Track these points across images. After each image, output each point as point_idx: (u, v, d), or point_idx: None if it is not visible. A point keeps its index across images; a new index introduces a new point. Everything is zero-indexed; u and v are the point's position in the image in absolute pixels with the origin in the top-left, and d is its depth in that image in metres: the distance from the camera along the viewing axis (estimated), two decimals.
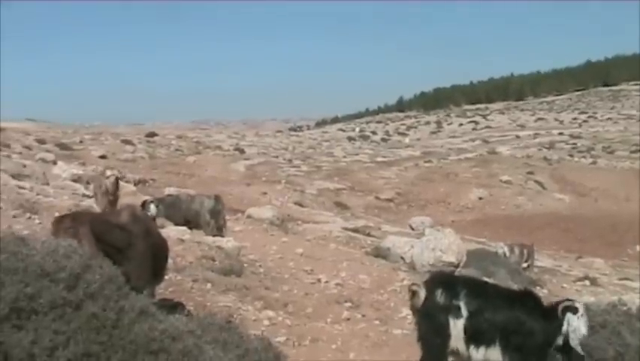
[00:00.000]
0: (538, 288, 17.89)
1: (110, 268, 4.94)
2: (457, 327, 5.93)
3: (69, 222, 6.46)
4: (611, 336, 6.57)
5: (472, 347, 5.95)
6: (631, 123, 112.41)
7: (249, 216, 20.46)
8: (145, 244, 6.67)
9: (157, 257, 6.93)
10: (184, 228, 13.05)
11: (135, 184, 29.39)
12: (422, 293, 6.08)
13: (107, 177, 13.58)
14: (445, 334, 5.96)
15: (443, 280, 6.32)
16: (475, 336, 5.95)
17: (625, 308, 7.14)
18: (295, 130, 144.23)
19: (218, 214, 14.06)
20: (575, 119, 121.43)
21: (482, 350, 5.95)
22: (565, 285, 21.00)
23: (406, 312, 9.59)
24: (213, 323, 6.32)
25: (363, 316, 8.85)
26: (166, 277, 9.11)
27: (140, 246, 6.62)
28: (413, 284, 6.33)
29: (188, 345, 4.79)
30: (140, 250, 6.60)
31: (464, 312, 5.95)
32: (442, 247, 13.59)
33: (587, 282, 22.22)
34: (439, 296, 6.00)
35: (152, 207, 13.29)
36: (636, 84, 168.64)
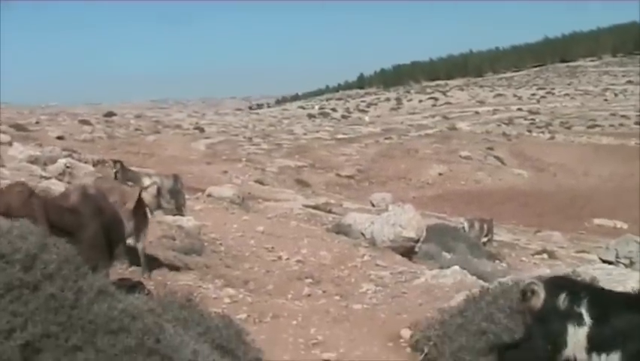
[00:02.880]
0: (497, 261, 18.18)
1: (67, 248, 4.90)
2: (577, 335, 5.63)
3: (23, 189, 6.41)
4: None
5: (594, 356, 5.74)
6: (588, 99, 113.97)
7: (209, 195, 20.39)
8: (96, 224, 6.62)
9: (111, 236, 6.89)
10: None
11: (94, 165, 29.08)
12: (542, 295, 5.84)
13: (146, 188, 9.84)
14: (560, 341, 5.75)
15: (567, 285, 6.01)
16: (598, 344, 5.72)
17: (579, 279, 7.24)
18: (255, 108, 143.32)
19: (177, 194, 13.98)
20: (533, 95, 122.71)
21: (604, 358, 5.76)
22: (524, 258, 21.34)
23: (366, 287, 9.71)
24: (174, 302, 6.34)
25: (324, 292, 8.91)
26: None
27: (91, 226, 6.56)
28: (532, 283, 6.01)
29: (148, 324, 4.78)
30: (91, 230, 6.55)
31: (587, 320, 5.72)
32: (402, 222, 13.66)
33: (545, 255, 22.59)
34: (562, 301, 5.77)
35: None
36: (592, 60, 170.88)
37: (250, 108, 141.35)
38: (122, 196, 9.00)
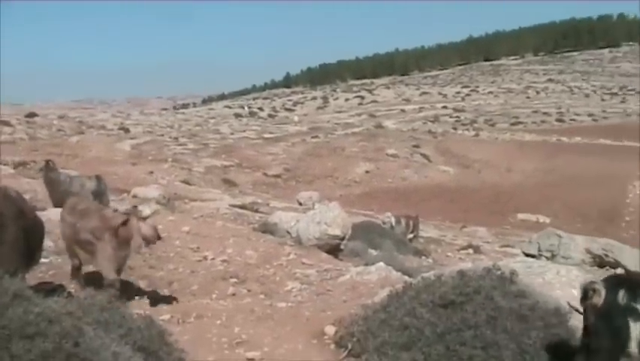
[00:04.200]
0: (423, 257, 18.42)
1: None
2: (635, 330, 5.83)
3: None
4: (484, 301, 6.81)
5: None
6: (511, 97, 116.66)
7: (134, 196, 20.19)
8: (16, 226, 6.50)
9: (31, 239, 6.77)
10: None
11: (15, 167, 28.46)
12: (603, 292, 5.89)
13: (145, 218, 8.52)
14: (624, 336, 5.78)
15: (625, 281, 6.08)
16: None
17: (499, 273, 7.38)
18: (179, 108, 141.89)
19: (101, 195, 13.78)
20: (458, 93, 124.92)
21: None
22: (449, 254, 21.64)
23: (292, 285, 9.73)
24: (94, 304, 6.24)
25: (249, 291, 8.91)
26: (46, 260, 8.95)
27: (11, 228, 6.43)
28: (593, 282, 6.08)
29: (66, 327, 4.71)
30: (11, 232, 6.42)
31: None
32: (328, 220, 13.72)
33: (471, 250, 22.95)
34: (621, 297, 5.83)
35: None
36: (515, 59, 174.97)
37: (175, 108, 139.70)
38: (102, 221, 8.12)
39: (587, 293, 5.99)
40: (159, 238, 8.62)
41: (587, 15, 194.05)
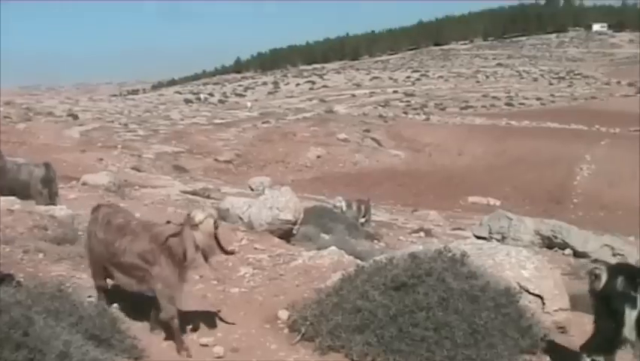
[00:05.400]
0: (375, 241, 18.54)
1: None
2: (630, 317, 6.14)
3: None
4: (436, 283, 6.89)
5: None
6: (460, 81, 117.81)
7: (84, 184, 19.95)
8: None
9: None
10: (13, 198, 12.49)
11: None
12: (604, 277, 6.36)
13: (198, 224, 6.52)
14: (620, 320, 6.21)
15: (626, 270, 6.48)
16: None
17: (450, 255, 7.48)
18: (125, 95, 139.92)
19: (50, 182, 13.54)
20: (408, 77, 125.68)
21: None
22: (401, 237, 21.79)
23: (244, 271, 9.70)
24: (44, 293, 6.18)
25: (201, 277, 8.82)
26: None
27: None
28: (596, 268, 6.59)
29: (15, 316, 4.67)
30: None
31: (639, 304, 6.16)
32: (279, 205, 13.69)
33: (422, 233, 23.16)
34: (619, 284, 6.23)
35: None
36: (464, 44, 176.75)
37: (120, 95, 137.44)
38: (155, 241, 6.68)
39: (590, 278, 6.55)
40: (222, 248, 7.02)
41: (534, 1, 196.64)
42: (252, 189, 30.98)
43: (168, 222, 7.00)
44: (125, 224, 6.99)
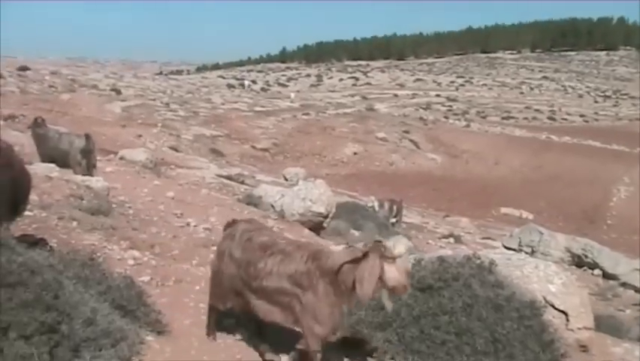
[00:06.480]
0: None
1: None
2: None
3: None
4: (462, 288, 6.89)
5: None
6: (504, 90, 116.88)
7: (121, 158, 20.11)
8: (4, 176, 6.45)
9: (18, 191, 6.73)
10: (52, 165, 12.69)
11: (5, 119, 28.35)
12: None
13: (394, 258, 5.46)
14: None
15: None
16: None
17: (478, 262, 7.47)
18: (166, 74, 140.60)
19: (89, 154, 13.71)
20: (452, 82, 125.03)
21: None
22: (430, 241, 21.73)
23: None
24: (75, 260, 6.30)
25: None
26: (30, 213, 8.94)
27: None
28: None
29: (47, 279, 4.76)
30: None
31: None
32: (313, 197, 13.76)
33: (452, 239, 23.09)
34: None
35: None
36: (511, 53, 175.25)
37: (161, 74, 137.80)
38: (314, 261, 5.61)
39: None
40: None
41: (586, 15, 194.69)
42: (286, 179, 31.04)
43: (348, 245, 5.93)
44: (271, 242, 5.90)
